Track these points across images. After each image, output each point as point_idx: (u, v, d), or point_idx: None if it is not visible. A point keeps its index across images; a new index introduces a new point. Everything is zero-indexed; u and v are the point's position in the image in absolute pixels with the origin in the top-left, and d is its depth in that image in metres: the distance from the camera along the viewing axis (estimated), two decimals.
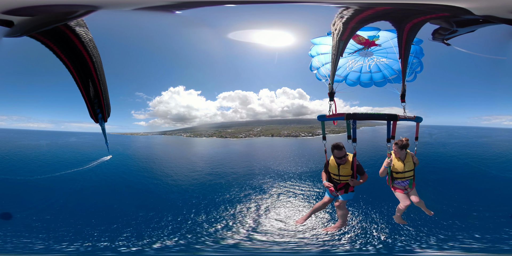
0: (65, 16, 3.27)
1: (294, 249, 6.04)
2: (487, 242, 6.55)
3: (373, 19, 3.83)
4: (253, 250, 6.16)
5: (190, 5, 4.21)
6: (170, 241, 6.72)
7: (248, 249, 6.21)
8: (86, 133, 19.41)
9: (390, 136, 4.68)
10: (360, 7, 3.62)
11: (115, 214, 8.25)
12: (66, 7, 3.37)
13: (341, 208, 5.04)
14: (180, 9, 4.26)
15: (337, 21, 3.87)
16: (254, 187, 10.56)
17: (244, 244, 6.45)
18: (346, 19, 3.69)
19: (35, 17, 3.36)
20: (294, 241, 6.31)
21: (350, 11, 3.64)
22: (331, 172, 4.95)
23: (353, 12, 3.62)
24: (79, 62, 3.26)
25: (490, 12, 3.86)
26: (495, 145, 15.77)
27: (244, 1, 4.79)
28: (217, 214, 8.20)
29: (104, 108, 3.89)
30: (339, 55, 4.20)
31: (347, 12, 3.67)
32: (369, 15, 3.67)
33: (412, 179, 4.98)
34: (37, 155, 14.86)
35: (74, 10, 3.38)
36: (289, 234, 6.62)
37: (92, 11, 3.48)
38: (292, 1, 5.00)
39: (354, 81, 5.54)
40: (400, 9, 3.73)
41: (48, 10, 3.34)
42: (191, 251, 6.35)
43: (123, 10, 3.97)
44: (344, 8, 3.71)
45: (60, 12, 3.30)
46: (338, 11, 3.82)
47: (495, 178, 11.30)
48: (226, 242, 6.62)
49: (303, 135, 21.36)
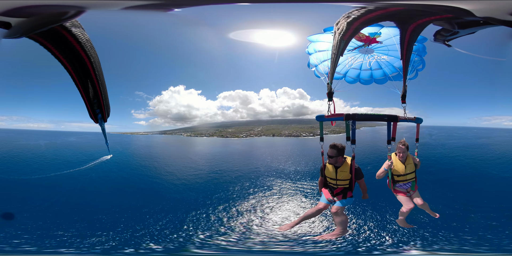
0: (58, 17, 3.28)
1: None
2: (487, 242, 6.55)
3: (379, 19, 3.81)
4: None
5: (184, 3, 4.18)
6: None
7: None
8: (86, 133, 19.43)
9: (390, 138, 4.56)
10: (374, 7, 3.60)
11: (116, 214, 8.24)
12: (56, 7, 3.38)
13: (339, 214, 4.60)
14: (175, 7, 4.24)
15: (342, 20, 3.85)
16: (263, 186, 10.52)
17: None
18: (353, 19, 3.66)
19: (30, 18, 3.37)
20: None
21: (361, 11, 3.61)
22: (327, 176, 4.69)
23: (364, 12, 3.59)
24: (77, 63, 3.26)
25: (490, 14, 3.86)
26: (495, 145, 15.75)
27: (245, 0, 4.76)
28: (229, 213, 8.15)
29: (103, 108, 3.88)
30: (339, 55, 4.15)
31: (358, 12, 3.64)
32: (377, 16, 3.65)
33: (414, 181, 4.85)
34: (36, 155, 14.85)
35: (65, 10, 3.39)
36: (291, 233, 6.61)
37: (82, 12, 3.49)
38: (294, 1, 4.97)
39: (354, 79, 5.46)
40: (409, 10, 3.72)
41: (40, 11, 3.36)
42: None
43: (112, 10, 3.96)
44: (356, 9, 3.69)
45: (53, 13, 3.31)
46: (348, 11, 3.79)
47: (496, 178, 11.29)
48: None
49: (304, 135, 21.36)
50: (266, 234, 6.93)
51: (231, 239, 6.80)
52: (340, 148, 4.50)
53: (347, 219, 4.74)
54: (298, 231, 6.77)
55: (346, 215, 4.73)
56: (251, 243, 6.54)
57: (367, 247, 6.55)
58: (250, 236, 6.92)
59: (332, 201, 4.68)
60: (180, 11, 4.42)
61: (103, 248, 6.50)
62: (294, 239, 6.43)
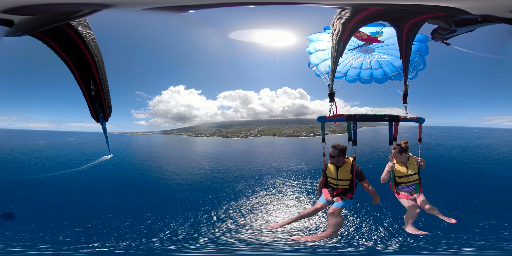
0: (68, 15, 3.27)
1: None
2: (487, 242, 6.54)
3: (370, 19, 3.83)
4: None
5: (198, 6, 4.20)
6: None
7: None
8: (86, 133, 19.40)
9: (392, 138, 4.54)
10: (355, 8, 3.61)
11: (115, 214, 8.22)
12: (69, 6, 3.36)
13: (335, 216, 4.48)
14: (190, 10, 4.26)
15: (336, 21, 3.87)
16: (267, 185, 10.49)
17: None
18: (345, 19, 3.68)
19: (36, 16, 3.35)
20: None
21: (347, 12, 3.63)
22: (329, 176, 4.70)
23: (350, 13, 3.61)
24: (81, 62, 3.26)
25: (488, 12, 3.86)
26: (495, 146, 15.76)
27: (247, 2, 4.77)
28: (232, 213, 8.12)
29: (105, 108, 3.88)
30: (338, 55, 4.17)
31: (345, 13, 3.66)
32: (366, 16, 3.67)
33: (418, 184, 4.71)
34: (35, 155, 14.83)
35: (79, 9, 3.37)
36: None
37: (97, 11, 3.48)
38: (292, 2, 4.98)
39: (354, 78, 5.45)
40: (395, 9, 3.71)
41: (50, 9, 3.33)
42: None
43: (133, 10, 3.95)
44: (341, 9, 3.70)
45: (63, 12, 3.29)
46: (336, 12, 3.81)
47: (496, 178, 11.28)
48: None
49: (305, 135, 21.36)
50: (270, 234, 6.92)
51: (250, 239, 6.78)
52: (341, 148, 4.53)
53: (342, 221, 4.59)
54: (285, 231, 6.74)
55: (342, 217, 4.61)
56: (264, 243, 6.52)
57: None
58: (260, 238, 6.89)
59: (331, 202, 4.63)
60: (187, 12, 4.44)
61: (103, 247, 6.49)
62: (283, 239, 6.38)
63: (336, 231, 4.50)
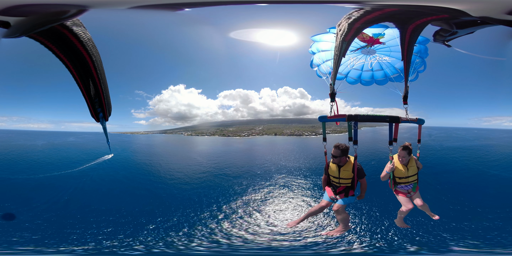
0: (59, 16, 3.27)
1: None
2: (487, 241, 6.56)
3: (379, 20, 3.83)
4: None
5: (192, 4, 4.19)
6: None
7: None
8: (86, 133, 19.40)
9: (392, 139, 4.56)
10: (371, 8, 3.62)
11: (116, 214, 8.23)
12: (56, 6, 3.37)
13: (340, 212, 4.78)
14: (183, 8, 4.24)
15: (343, 21, 3.86)
16: (274, 182, 10.53)
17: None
18: (353, 19, 3.68)
19: (30, 17, 3.36)
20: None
21: (360, 12, 3.64)
22: (331, 174, 4.83)
23: (363, 13, 3.62)
24: (79, 62, 3.25)
25: (486, 13, 3.90)
26: (496, 147, 15.76)
27: (247, 1, 4.77)
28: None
29: (105, 107, 3.88)
30: (341, 56, 4.16)
31: (357, 13, 3.66)
32: (376, 17, 3.67)
33: (415, 183, 4.85)
34: (35, 155, 14.84)
35: (65, 9, 3.38)
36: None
37: (83, 11, 3.47)
38: (295, 2, 4.97)
39: (355, 79, 5.43)
40: (405, 11, 3.74)
41: (39, 10, 3.35)
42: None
43: (117, 9, 3.95)
44: (356, 10, 3.71)
45: (53, 12, 3.30)
46: (348, 12, 3.81)
47: (495, 178, 11.30)
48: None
49: (307, 134, 21.37)
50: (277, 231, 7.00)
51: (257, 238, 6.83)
52: (344, 149, 4.61)
53: (348, 216, 4.94)
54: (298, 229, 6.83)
55: (347, 212, 4.91)
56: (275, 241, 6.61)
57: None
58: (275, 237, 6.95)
59: (334, 199, 4.82)
60: (183, 10, 4.43)
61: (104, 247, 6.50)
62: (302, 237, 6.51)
63: (347, 225, 4.95)
